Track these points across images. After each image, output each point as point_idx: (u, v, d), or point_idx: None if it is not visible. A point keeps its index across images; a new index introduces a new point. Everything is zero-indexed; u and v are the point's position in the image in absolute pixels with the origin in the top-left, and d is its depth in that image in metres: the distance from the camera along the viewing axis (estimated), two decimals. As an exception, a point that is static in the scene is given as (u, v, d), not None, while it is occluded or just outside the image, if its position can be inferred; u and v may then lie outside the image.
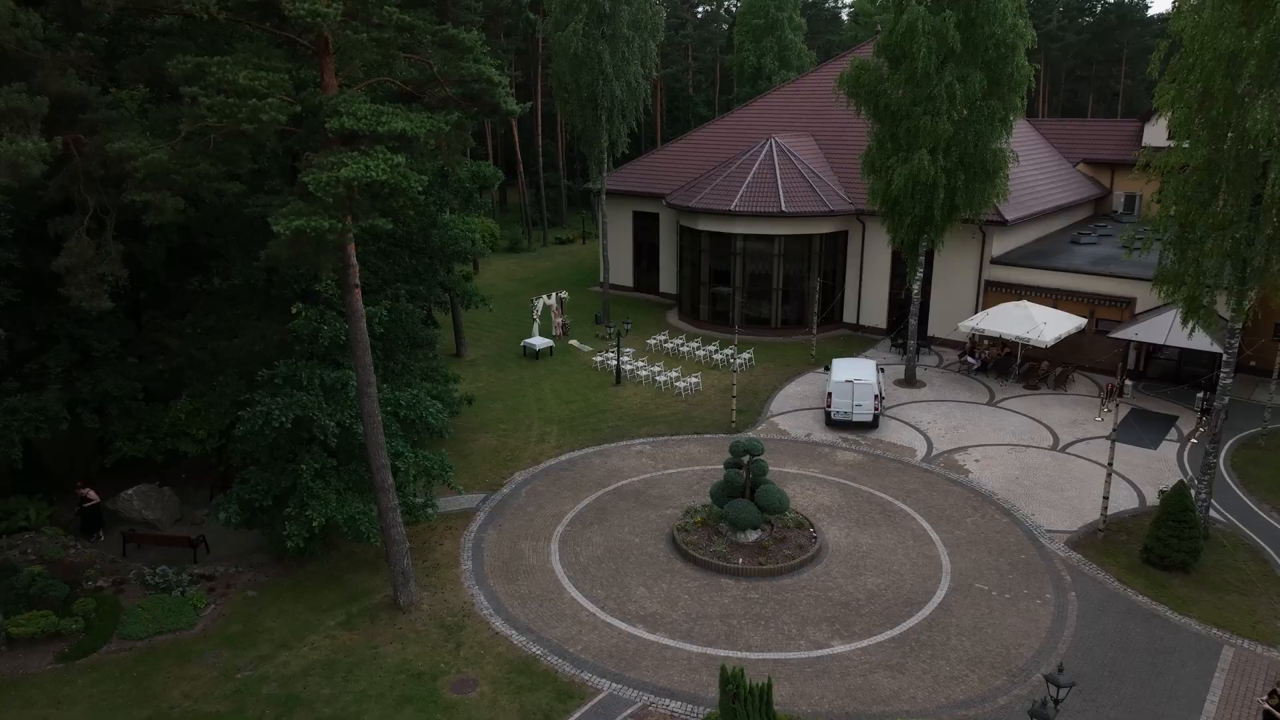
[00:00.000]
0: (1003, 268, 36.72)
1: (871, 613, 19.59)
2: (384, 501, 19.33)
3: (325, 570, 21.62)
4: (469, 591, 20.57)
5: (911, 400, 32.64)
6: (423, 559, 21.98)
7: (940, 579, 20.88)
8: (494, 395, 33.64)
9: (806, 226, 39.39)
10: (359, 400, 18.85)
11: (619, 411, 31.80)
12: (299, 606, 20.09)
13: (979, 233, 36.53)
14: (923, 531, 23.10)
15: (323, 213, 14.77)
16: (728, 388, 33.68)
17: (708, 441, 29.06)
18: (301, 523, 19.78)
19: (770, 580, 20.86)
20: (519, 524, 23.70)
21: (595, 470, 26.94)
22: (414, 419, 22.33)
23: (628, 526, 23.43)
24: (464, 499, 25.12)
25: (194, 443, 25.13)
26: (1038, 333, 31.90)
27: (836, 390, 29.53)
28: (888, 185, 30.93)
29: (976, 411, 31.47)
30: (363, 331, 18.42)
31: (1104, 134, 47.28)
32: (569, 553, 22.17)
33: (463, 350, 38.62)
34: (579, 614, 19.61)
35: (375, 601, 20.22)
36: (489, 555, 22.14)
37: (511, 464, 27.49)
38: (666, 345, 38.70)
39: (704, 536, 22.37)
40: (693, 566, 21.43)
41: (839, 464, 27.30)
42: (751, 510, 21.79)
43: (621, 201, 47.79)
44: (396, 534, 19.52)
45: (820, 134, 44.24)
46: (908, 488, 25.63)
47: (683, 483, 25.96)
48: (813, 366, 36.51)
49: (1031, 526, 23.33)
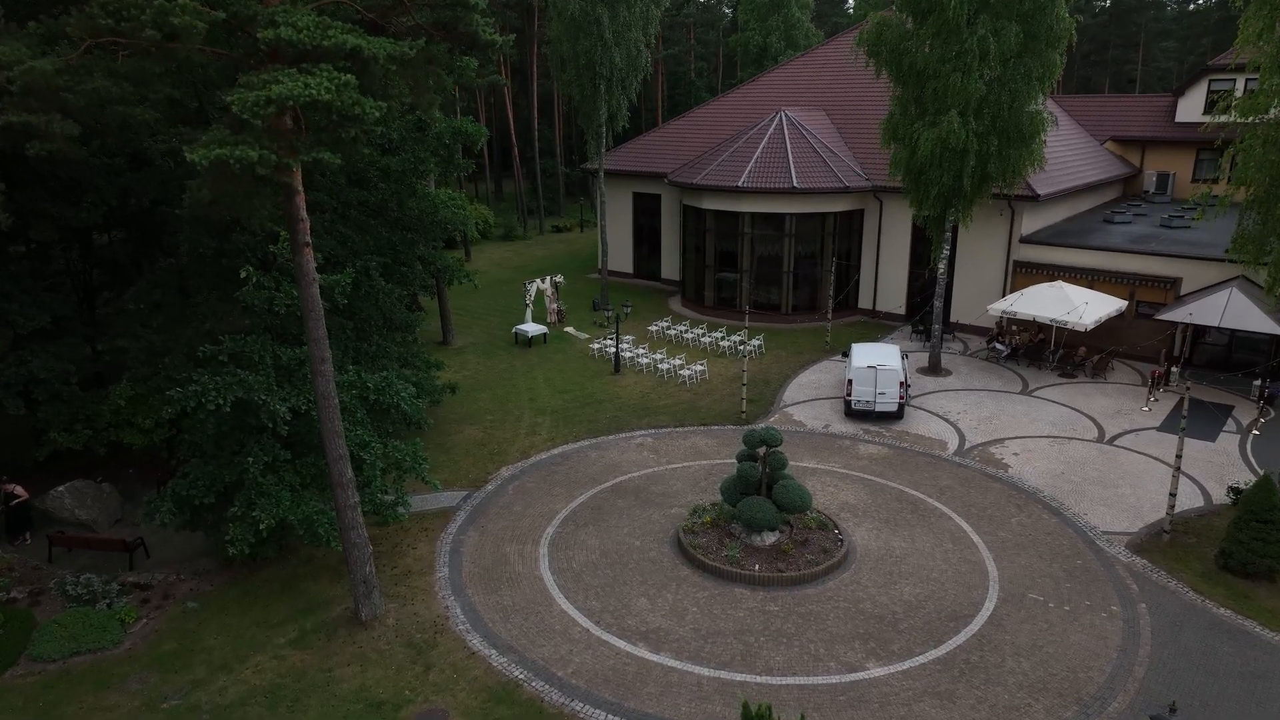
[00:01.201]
0: (1033, 247, 33.92)
1: (911, 628, 16.80)
2: (342, 499, 16.55)
3: (280, 578, 18.85)
4: (443, 603, 17.79)
5: (938, 389, 29.86)
6: (391, 565, 19.21)
7: (987, 588, 18.10)
8: (481, 384, 30.88)
9: (820, 205, 36.60)
10: (312, 380, 16.08)
11: (618, 401, 29.03)
12: (245, 621, 17.31)
13: (1007, 209, 33.76)
14: (962, 533, 20.33)
15: (252, 142, 11.99)
16: (736, 376, 30.93)
17: (715, 434, 26.29)
18: (247, 524, 17.03)
19: (792, 589, 18.08)
20: (504, 525, 20.93)
21: (591, 465, 24.17)
22: (385, 405, 19.58)
23: (627, 528, 20.67)
24: (442, 496, 22.35)
25: (139, 434, 22.39)
26: (1077, 315, 29.11)
27: (857, 377, 26.75)
28: (912, 153, 28.19)
29: (1010, 401, 28.69)
30: (315, 299, 15.65)
31: (1133, 110, 44.49)
32: (560, 558, 19.41)
33: (450, 338, 35.86)
34: (570, 630, 16.84)
35: (334, 615, 17.44)
36: (468, 560, 19.37)
37: (498, 458, 24.72)
38: (669, 332, 35.93)
39: (714, 539, 19.60)
40: (702, 573, 18.67)
41: (862, 458, 24.52)
42: (769, 509, 19.01)
43: (621, 182, 45.01)
44: (357, 536, 16.74)
45: (833, 109, 41.48)
46: (941, 484, 22.85)
47: (688, 478, 23.20)
48: (828, 354, 33.74)
49: (1085, 527, 20.55)
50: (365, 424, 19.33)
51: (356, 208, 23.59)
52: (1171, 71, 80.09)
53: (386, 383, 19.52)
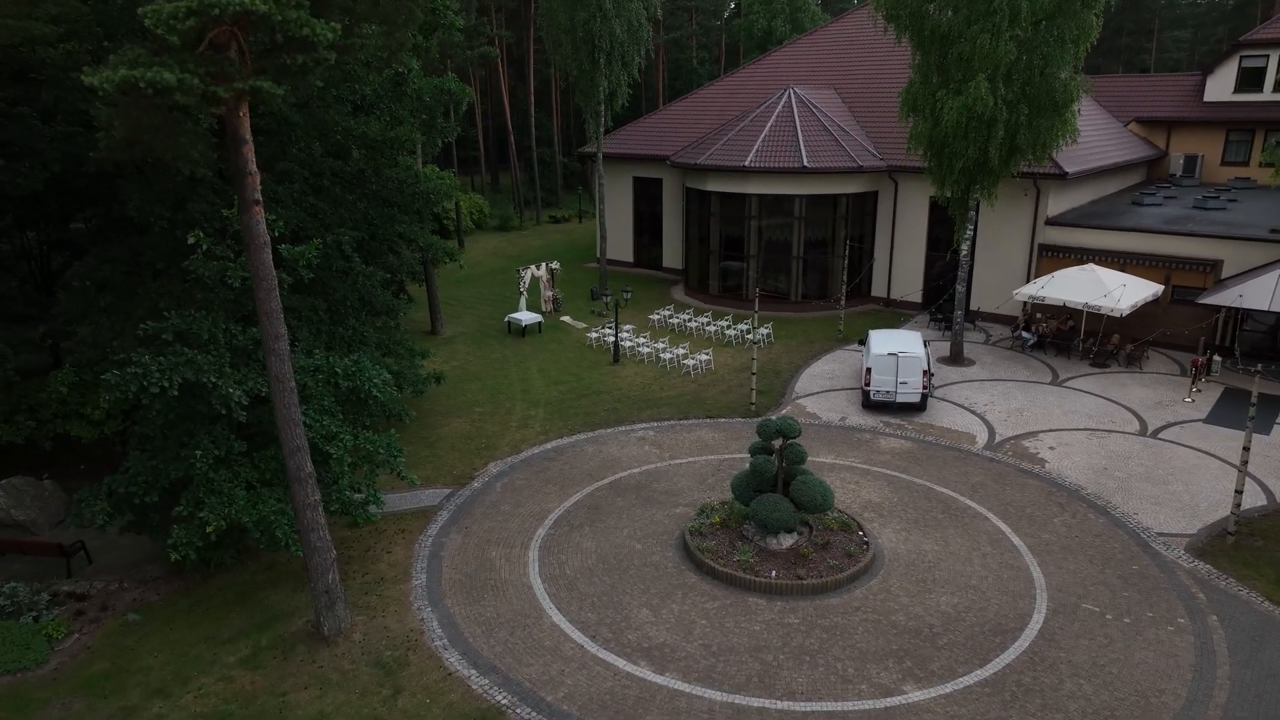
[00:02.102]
0: (1059, 229, 31.81)
1: (952, 644, 14.69)
2: (300, 496, 14.45)
3: (237, 586, 16.75)
4: (418, 615, 15.69)
5: (962, 380, 27.75)
6: (362, 571, 17.11)
7: (1034, 597, 16.00)
8: (471, 375, 28.78)
9: (831, 185, 34.49)
10: (266, 360, 13.99)
11: (617, 393, 26.93)
12: (192, 636, 15.21)
13: (1032, 188, 31.65)
14: (1000, 535, 18.22)
15: (171, 64, 9.89)
16: (744, 366, 28.84)
17: (723, 426, 24.18)
18: (193, 526, 14.93)
19: (813, 599, 15.97)
20: (490, 526, 18.84)
21: (588, 460, 22.07)
22: (362, 394, 17.48)
23: (627, 529, 18.58)
24: (423, 495, 20.26)
25: (88, 426, 20.31)
26: (1112, 300, 26.99)
27: (877, 365, 24.63)
28: (934, 124, 26.08)
29: (1040, 392, 26.58)
30: (267, 267, 13.57)
31: (1159, 90, 42.36)
32: (552, 563, 17.31)
33: (439, 327, 33.76)
34: (562, 646, 14.74)
35: (293, 629, 15.33)
36: (449, 566, 17.27)
37: (486, 452, 22.62)
38: (672, 320, 33.83)
39: (724, 541, 17.50)
40: (711, 581, 16.56)
41: (884, 452, 22.42)
42: (786, 508, 16.91)
43: (621, 167, 42.90)
44: (318, 539, 14.64)
45: (844, 87, 39.36)
46: (972, 480, 20.75)
47: (694, 474, 21.10)
48: (841, 343, 31.63)
49: (1138, 528, 18.45)
50: (334, 413, 17.25)
51: (330, 178, 21.52)
52: (1183, 62, 77.88)
53: (358, 367, 17.44)
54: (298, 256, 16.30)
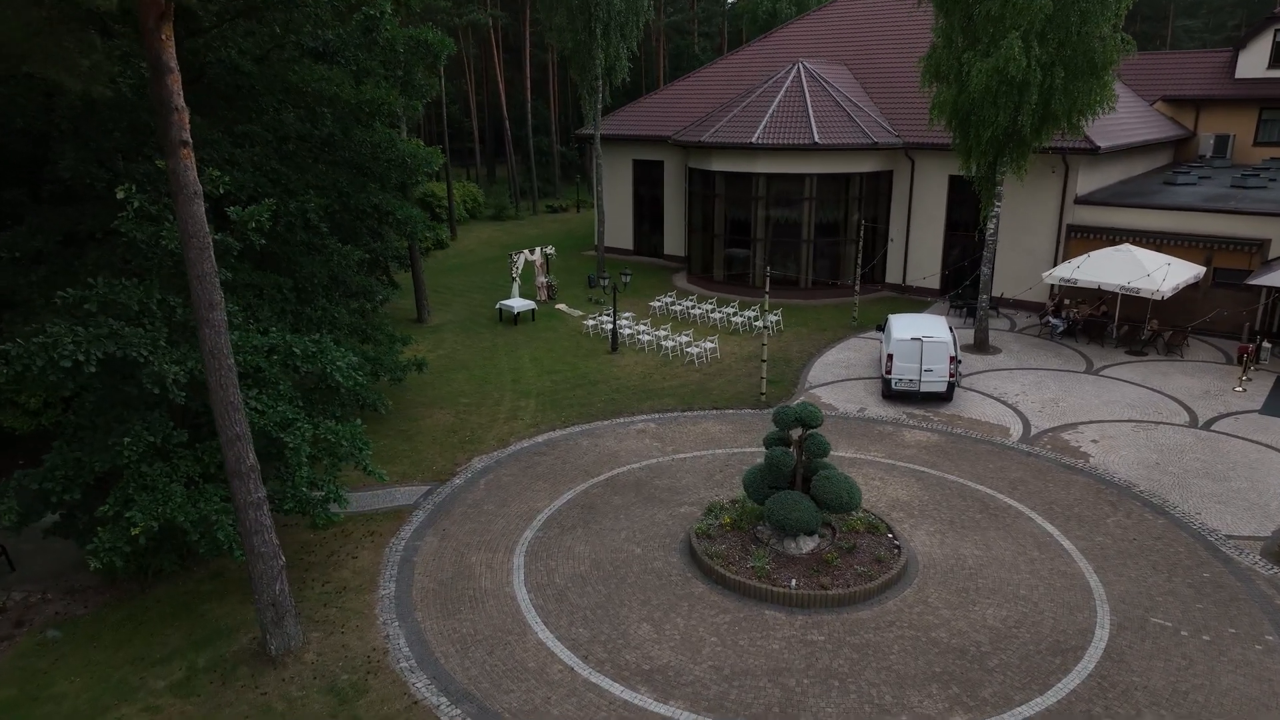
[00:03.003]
0: (1090, 209, 29.68)
1: (1004, 666, 12.56)
2: (241, 493, 12.33)
3: (179, 597, 14.63)
4: (383, 630, 13.56)
5: (988, 368, 25.62)
6: (322, 579, 14.98)
7: (1094, 610, 13.87)
8: (458, 364, 26.67)
9: (844, 164, 32.36)
10: (198, 332, 11.86)
11: (615, 383, 24.81)
12: (119, 656, 13.09)
13: (1060, 165, 29.53)
14: (1048, 537, 16.09)
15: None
16: (752, 354, 26.75)
17: (731, 418, 22.06)
18: (118, 529, 12.81)
19: (840, 612, 13.85)
20: (471, 527, 16.71)
21: (582, 454, 19.95)
22: (331, 381, 15.35)
23: (625, 531, 16.46)
24: (398, 492, 18.15)
25: (25, 416, 18.21)
26: (1152, 281, 24.86)
27: (899, 352, 22.49)
28: (960, 90, 24.00)
29: (1075, 381, 24.44)
30: (198, 220, 11.45)
31: (1187, 67, 40.19)
32: (539, 570, 15.18)
33: (425, 315, 31.64)
34: (548, 668, 12.62)
35: (236, 648, 13.21)
36: (422, 574, 15.14)
37: (470, 446, 20.50)
38: (674, 308, 31.70)
39: (736, 545, 15.37)
40: (722, 591, 14.44)
41: (909, 446, 20.29)
42: (807, 507, 14.77)
43: (620, 149, 40.76)
44: (262, 543, 12.52)
45: (856, 64, 37.24)
46: (1010, 476, 18.63)
47: (700, 470, 18.98)
48: (855, 331, 29.51)
49: (1203, 530, 16.32)
50: (291, 399, 15.15)
51: (296, 142, 19.41)
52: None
53: (319, 348, 15.30)
54: (247, 218, 14.18)
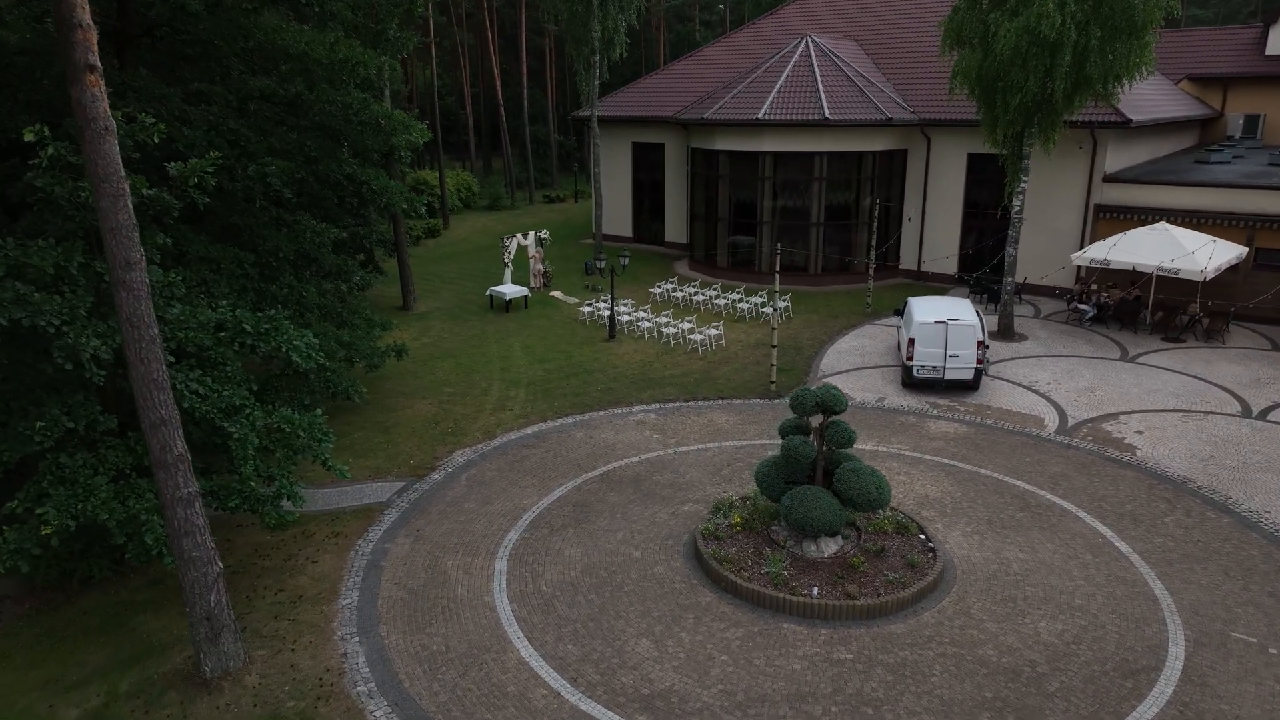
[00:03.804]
0: (1120, 187, 27.81)
1: (1067, 690, 10.68)
2: (168, 488, 10.46)
3: (110, 608, 12.76)
4: (340, 647, 11.69)
5: (1014, 356, 23.75)
6: (276, 587, 13.11)
7: (1164, 622, 12.00)
8: (444, 352, 24.81)
9: (856, 141, 30.49)
10: (114, 292, 9.99)
11: (612, 371, 22.94)
12: (29, 679, 11.21)
13: (1088, 140, 27.66)
14: (1100, 538, 14.22)
15: None
16: (759, 342, 24.92)
17: (738, 408, 20.20)
18: (28, 528, 10.95)
19: (869, 625, 11.97)
20: (449, 528, 14.84)
21: (575, 447, 18.09)
22: (295, 366, 13.49)
23: (622, 531, 14.59)
24: (368, 489, 16.28)
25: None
26: (1194, 261, 22.98)
27: (921, 336, 20.62)
28: (985, 54, 22.17)
29: (1110, 369, 22.58)
30: (111, 162, 9.59)
31: (1214, 44, 38.33)
32: (524, 576, 13.32)
33: (411, 301, 29.78)
34: (531, 692, 10.75)
35: (167, 669, 11.34)
36: (390, 581, 13.27)
37: (453, 439, 18.64)
38: (676, 294, 29.83)
39: (748, 548, 13.50)
40: (732, 600, 12.57)
41: (935, 437, 18.42)
42: (830, 504, 12.90)
43: (618, 132, 38.91)
44: (194, 546, 10.65)
45: (867, 40, 35.36)
46: (1051, 471, 16.75)
47: (705, 464, 17.11)
48: (869, 318, 27.65)
49: (1275, 530, 14.45)
50: (241, 382, 13.30)
51: (259, 101, 17.56)
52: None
53: (273, 325, 13.44)
54: (189, 173, 12.33)
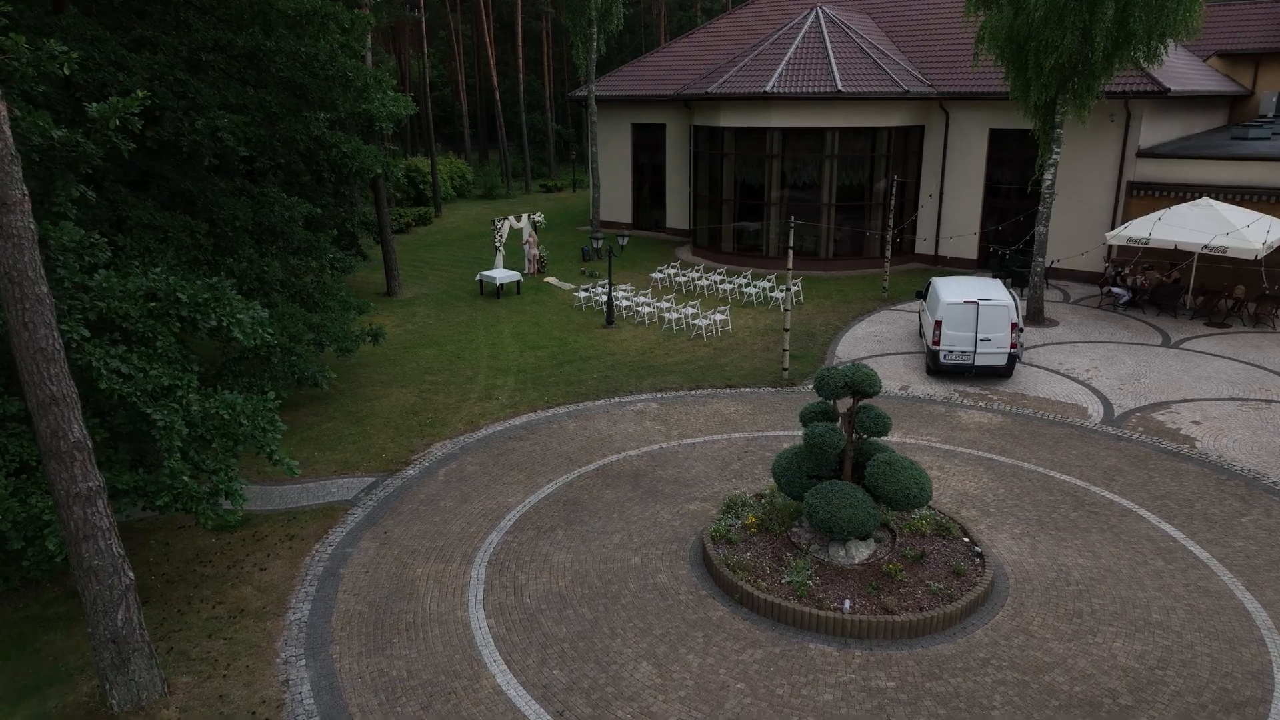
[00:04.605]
0: (1155, 162, 25.91)
1: (1159, 728, 8.81)
2: (62, 482, 8.57)
3: (17, 623, 10.87)
4: (283, 672, 9.79)
5: (1046, 342, 21.86)
6: (214, 598, 11.21)
7: (1263, 643, 10.10)
8: (428, 339, 22.92)
9: (870, 116, 28.58)
10: (-10, 246, 8.10)
11: (610, 359, 21.06)
12: (-97, 711, 9.33)
13: (1121, 112, 25.76)
14: (1170, 542, 12.33)
15: None
16: (768, 327, 23.06)
17: (747, 397, 18.30)
18: (-103, 530, 9.07)
19: (913, 645, 10.07)
20: (421, 529, 12.95)
21: (568, 439, 16.19)
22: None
23: (619, 534, 12.69)
24: (334, 485, 14.40)
25: None
26: (1244, 240, 21.09)
27: (950, 318, 18.71)
28: (1016, 12, 20.29)
29: (1153, 355, 20.69)
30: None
31: (1245, 19, 36.45)
32: (504, 586, 11.42)
33: (396, 287, 27.87)
34: (507, 730, 8.87)
35: (72, 699, 9.44)
36: (349, 592, 11.38)
37: (432, 430, 16.74)
38: (678, 279, 27.93)
39: (765, 553, 11.60)
40: (748, 615, 10.67)
41: (968, 428, 16.52)
42: (863, 503, 11.00)
43: (617, 113, 37.02)
44: (95, 554, 8.75)
45: (879, 13, 33.47)
46: (1103, 465, 14.86)
47: (713, 458, 15.22)
48: (887, 303, 25.75)
49: (1371, 532, 12.58)
50: (175, 360, 11.40)
51: (213, 52, 15.66)
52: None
53: (215, 294, 11.54)
54: (109, 113, 10.45)
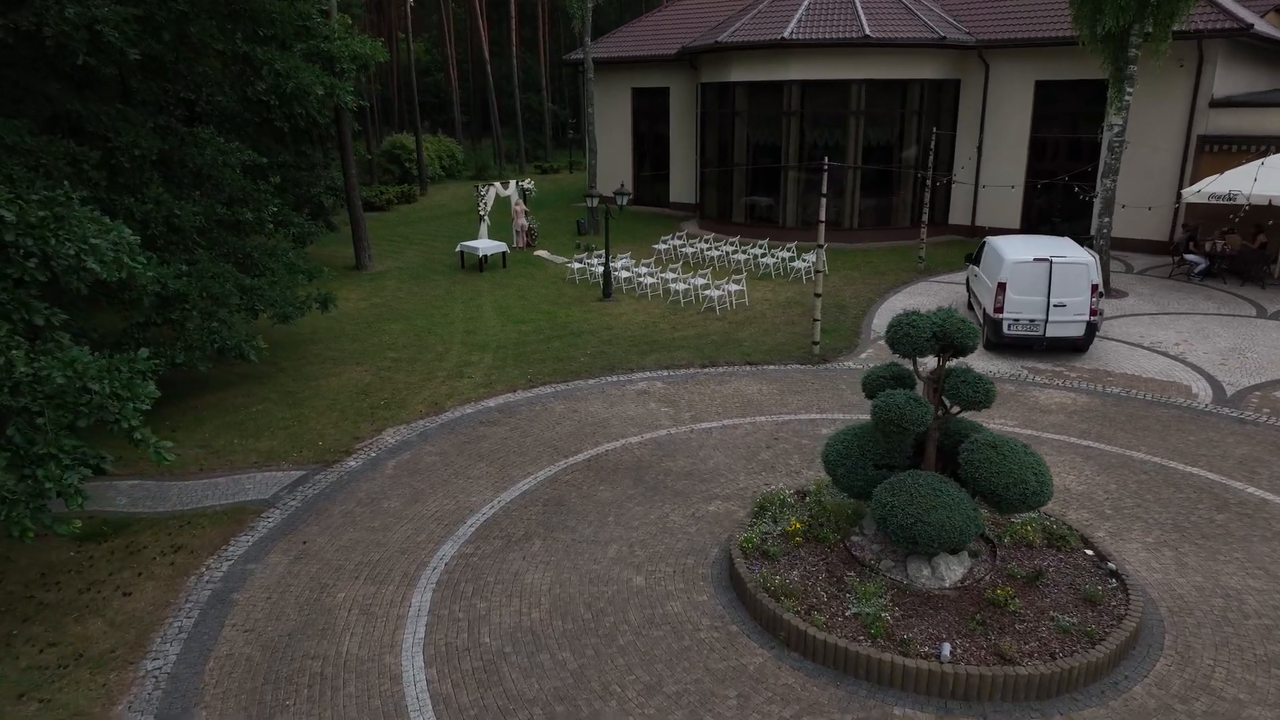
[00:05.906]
0: (1231, 112, 22.69)
1: None
2: None
3: None
4: (110, 758, 6.59)
5: (1120, 314, 18.65)
6: (51, 635, 7.99)
7: None
8: (395, 313, 19.72)
9: (901, 67, 25.34)
10: None
11: (606, 333, 17.85)
12: None
13: (1192, 55, 22.54)
14: (1359, 554, 9.12)
15: None
16: (789, 300, 19.91)
17: (772, 376, 15.08)
18: None
19: (1045, 712, 6.84)
20: (353, 539, 9.72)
21: (553, 424, 12.98)
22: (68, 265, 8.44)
23: (616, 544, 9.47)
24: (249, 480, 11.20)
25: None
26: (1354, 188, 17.91)
27: (1015, 280, 15.44)
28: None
29: (1252, 328, 17.48)
30: None
31: (1304, -30, 33.31)
32: (456, 618, 8.19)
33: (366, 261, 24.63)
34: None
35: None
36: (239, 626, 8.16)
37: (385, 413, 13.53)
38: (685, 250, 24.72)
39: (818, 571, 8.37)
40: (798, 663, 7.44)
41: (1050, 410, 13.30)
42: (959, 502, 7.77)
43: (616, 77, 33.80)
44: None
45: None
46: (1235, 454, 11.64)
47: (736, 446, 12.00)
48: (924, 275, 22.53)
49: None
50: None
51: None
52: None
53: (56, 212, 8.32)
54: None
